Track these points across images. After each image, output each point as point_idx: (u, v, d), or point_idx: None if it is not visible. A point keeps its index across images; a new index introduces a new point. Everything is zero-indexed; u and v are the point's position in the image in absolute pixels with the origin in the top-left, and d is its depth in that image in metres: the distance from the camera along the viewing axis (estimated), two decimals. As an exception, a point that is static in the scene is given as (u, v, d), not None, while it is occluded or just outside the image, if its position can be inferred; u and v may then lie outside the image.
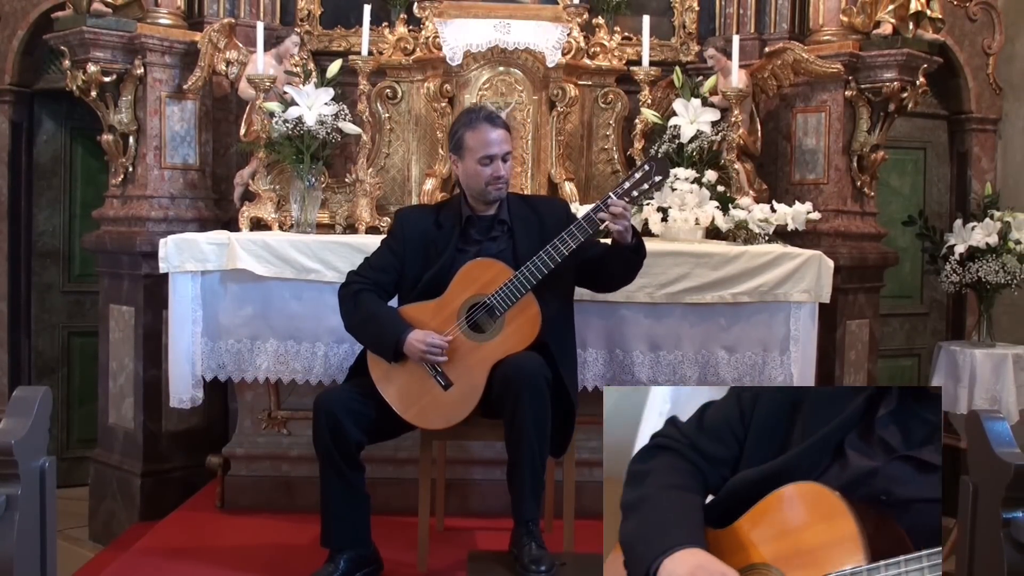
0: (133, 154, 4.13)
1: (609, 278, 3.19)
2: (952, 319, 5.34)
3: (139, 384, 4.09)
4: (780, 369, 3.65)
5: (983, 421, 2.22)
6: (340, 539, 3.00)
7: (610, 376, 3.63)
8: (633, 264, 3.12)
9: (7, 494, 2.03)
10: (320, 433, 2.95)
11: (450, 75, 4.14)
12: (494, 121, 3.11)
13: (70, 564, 3.68)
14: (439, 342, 2.95)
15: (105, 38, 3.96)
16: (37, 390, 2.24)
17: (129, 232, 4.10)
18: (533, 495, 2.92)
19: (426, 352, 2.95)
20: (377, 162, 4.27)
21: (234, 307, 3.63)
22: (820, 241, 4.14)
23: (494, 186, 3.10)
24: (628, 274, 3.17)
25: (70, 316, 5.19)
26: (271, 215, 4.01)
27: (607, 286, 3.24)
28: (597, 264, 3.11)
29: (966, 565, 2.23)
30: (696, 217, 3.85)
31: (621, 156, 4.37)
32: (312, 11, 4.49)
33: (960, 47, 5.13)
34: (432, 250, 3.13)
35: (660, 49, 4.48)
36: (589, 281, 3.20)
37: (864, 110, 4.20)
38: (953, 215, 5.04)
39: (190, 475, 4.13)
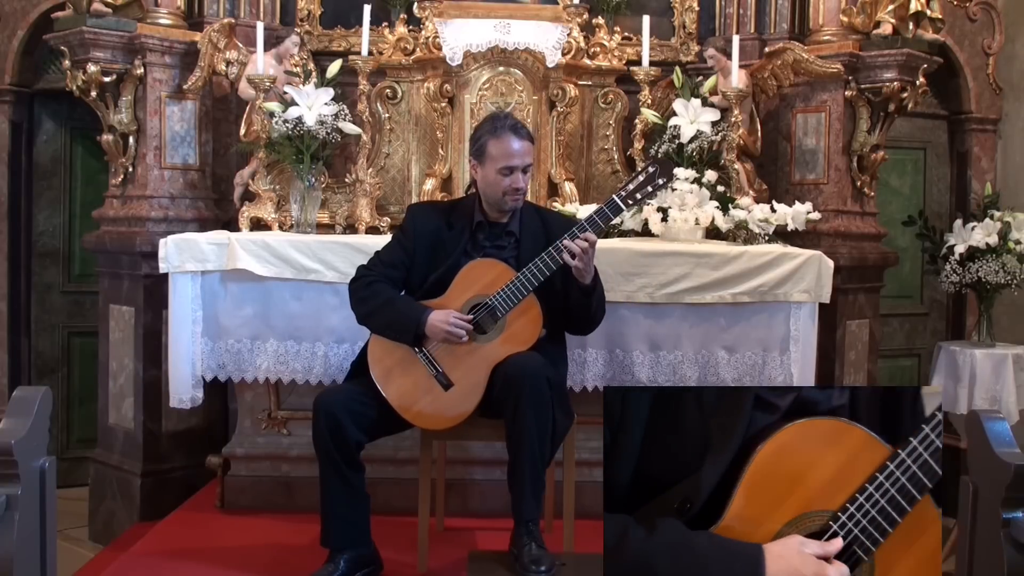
0: (133, 154, 4.13)
1: (568, 314, 3.11)
2: (952, 319, 5.34)
3: (139, 384, 4.09)
4: (780, 369, 3.66)
5: (983, 421, 2.22)
6: (340, 539, 3.00)
7: (610, 376, 3.63)
8: (582, 305, 3.05)
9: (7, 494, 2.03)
10: (320, 433, 2.94)
11: (450, 75, 4.14)
12: (519, 132, 3.09)
13: (70, 564, 3.68)
14: (462, 321, 2.95)
15: (105, 38, 3.96)
16: (37, 390, 2.24)
17: (129, 232, 4.10)
18: (533, 495, 2.92)
19: (450, 330, 2.93)
20: (377, 162, 4.27)
21: (234, 307, 3.63)
22: (820, 241, 4.14)
23: (512, 197, 3.09)
24: (581, 315, 3.09)
25: (70, 316, 5.19)
26: (271, 215, 4.01)
27: (565, 323, 3.15)
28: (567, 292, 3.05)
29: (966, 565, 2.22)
30: (696, 217, 3.85)
31: (621, 156, 4.37)
32: (312, 11, 4.49)
33: (960, 47, 5.14)
34: (440, 250, 3.13)
35: (660, 49, 4.48)
36: (560, 311, 3.10)
37: (864, 110, 4.20)
38: (953, 215, 5.04)
39: (190, 475, 4.13)
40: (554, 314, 3.09)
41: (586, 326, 3.19)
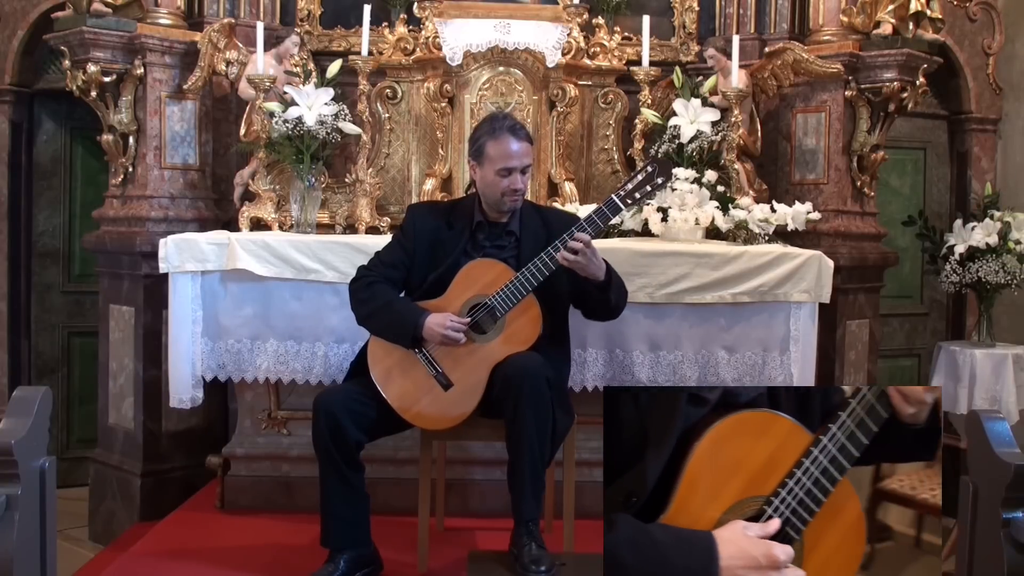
0: (133, 154, 4.13)
1: (586, 305, 3.15)
2: (952, 319, 5.34)
3: (139, 384, 4.09)
4: (780, 369, 3.65)
5: (983, 421, 2.22)
6: (340, 539, 3.00)
7: (610, 376, 3.63)
8: (601, 300, 3.07)
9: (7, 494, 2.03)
10: (320, 433, 2.94)
11: (450, 75, 4.14)
12: (517, 133, 3.08)
13: (70, 564, 3.68)
14: (459, 324, 2.95)
15: (105, 38, 3.96)
16: (37, 390, 2.23)
17: (129, 232, 4.10)
18: (533, 495, 2.92)
19: (447, 333, 2.94)
20: (377, 162, 4.27)
21: (234, 307, 3.63)
22: (820, 241, 4.14)
23: (510, 197, 3.08)
24: (601, 308, 3.12)
25: (70, 316, 5.19)
26: (271, 215, 4.01)
27: (588, 314, 3.20)
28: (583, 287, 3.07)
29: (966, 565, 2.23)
30: (696, 217, 3.85)
31: (621, 156, 4.37)
32: (312, 11, 4.49)
33: (960, 47, 5.14)
34: (440, 250, 3.13)
35: (660, 49, 4.48)
36: (580, 302, 3.16)
37: (864, 110, 4.20)
38: (953, 215, 5.04)
39: (190, 475, 4.13)
40: (555, 314, 3.09)
41: (610, 315, 3.19)
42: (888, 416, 2.13)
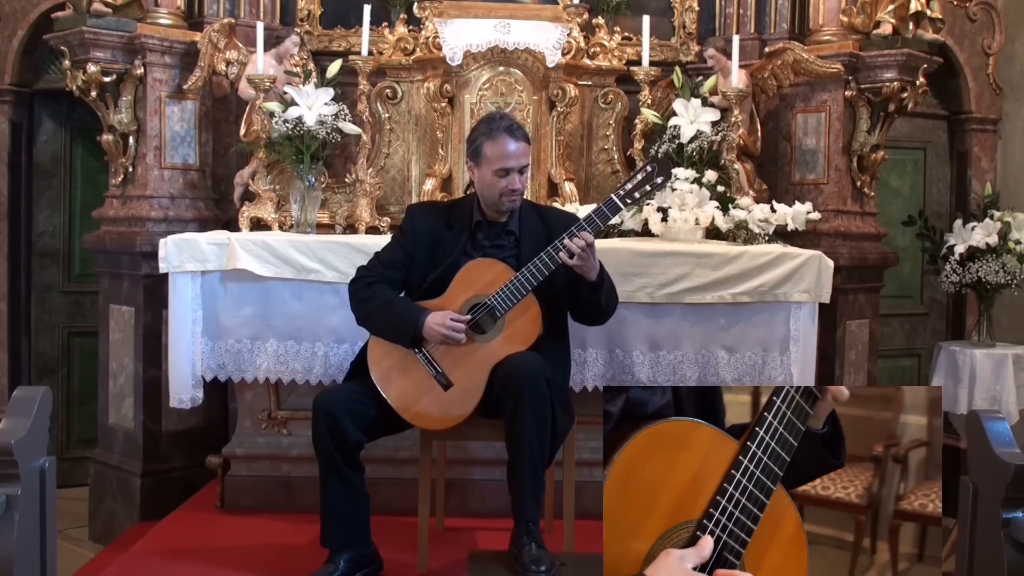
0: (133, 154, 4.13)
1: (576, 305, 3.13)
2: (952, 319, 5.34)
3: (139, 384, 4.09)
4: (780, 369, 3.65)
5: (983, 421, 2.22)
6: (340, 539, 3.00)
7: (610, 376, 3.63)
8: (592, 300, 3.06)
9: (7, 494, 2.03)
10: (320, 433, 2.94)
11: (450, 75, 4.14)
12: (514, 133, 3.08)
13: (70, 564, 3.68)
14: (459, 323, 2.95)
15: (105, 38, 3.96)
16: (37, 390, 2.24)
17: (129, 232, 4.10)
18: (533, 495, 2.91)
19: (447, 332, 2.94)
20: (377, 162, 4.27)
21: (234, 307, 3.63)
22: (820, 241, 4.14)
23: (508, 198, 3.08)
24: (592, 309, 3.10)
25: (70, 316, 5.19)
26: (271, 215, 4.01)
27: (577, 315, 3.18)
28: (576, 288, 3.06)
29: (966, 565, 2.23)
30: (696, 217, 3.85)
31: (621, 156, 4.37)
32: (312, 11, 4.49)
33: (960, 47, 5.14)
34: (439, 250, 3.12)
35: (660, 49, 4.48)
36: (571, 302, 3.14)
37: (864, 110, 4.20)
38: (953, 215, 5.05)
39: (190, 475, 4.13)
40: (555, 314, 3.09)
41: (599, 318, 3.18)
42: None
